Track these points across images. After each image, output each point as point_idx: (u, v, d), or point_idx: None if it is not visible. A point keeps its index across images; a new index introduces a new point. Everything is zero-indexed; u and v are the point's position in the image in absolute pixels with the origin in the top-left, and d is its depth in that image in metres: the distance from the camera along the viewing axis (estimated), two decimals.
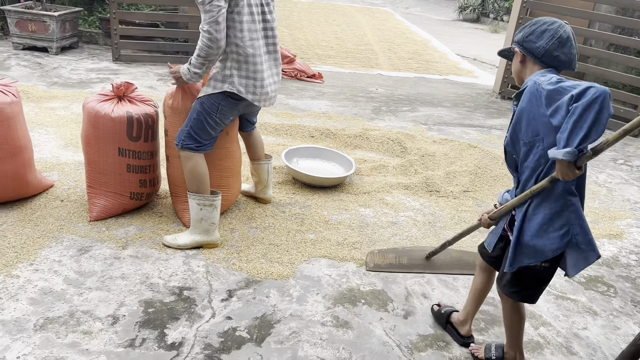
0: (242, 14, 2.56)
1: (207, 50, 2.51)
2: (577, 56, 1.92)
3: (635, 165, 4.79)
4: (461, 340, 2.38)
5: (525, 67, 1.96)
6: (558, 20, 1.91)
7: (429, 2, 18.00)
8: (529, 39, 1.91)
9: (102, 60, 6.39)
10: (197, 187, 2.75)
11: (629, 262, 3.19)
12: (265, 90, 2.73)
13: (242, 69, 2.64)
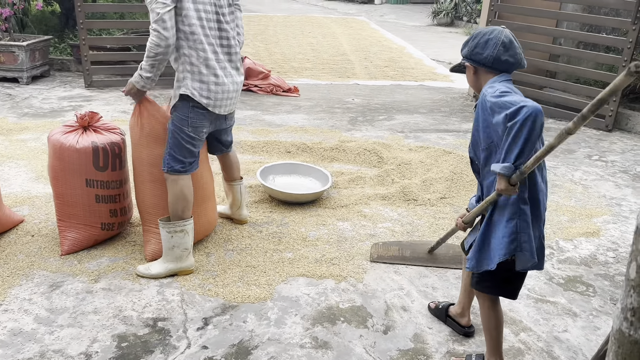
0: (190, 17, 2.56)
1: (156, 49, 2.50)
2: (523, 55, 2.04)
3: (610, 161, 4.83)
4: (463, 330, 2.49)
5: (479, 77, 2.08)
6: (497, 28, 2.05)
7: (404, 9, 18.18)
8: (476, 51, 2.03)
9: (75, 88, 6.34)
10: (182, 211, 2.73)
11: (607, 259, 3.20)
12: (220, 97, 2.70)
13: (194, 72, 2.63)
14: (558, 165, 4.65)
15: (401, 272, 2.97)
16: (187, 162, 2.73)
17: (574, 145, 5.21)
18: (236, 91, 2.81)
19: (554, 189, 4.14)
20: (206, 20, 2.62)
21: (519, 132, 1.75)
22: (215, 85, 2.67)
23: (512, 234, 1.91)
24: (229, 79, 2.74)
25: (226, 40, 2.73)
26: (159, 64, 2.57)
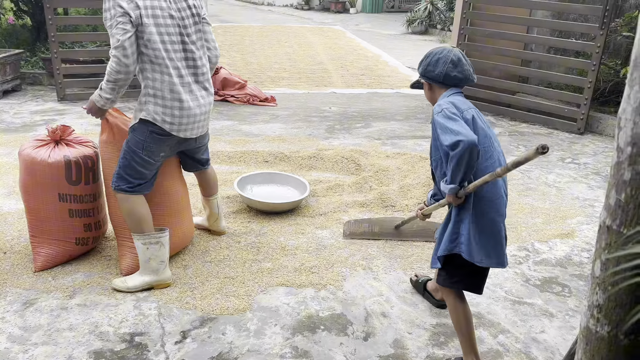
0: (153, 41, 2.48)
1: (116, 76, 2.45)
2: (472, 71, 2.27)
3: (582, 163, 4.93)
4: (437, 303, 2.72)
5: (434, 92, 2.32)
6: (447, 47, 2.29)
7: (378, 17, 18.36)
8: (428, 69, 2.27)
9: (47, 102, 6.24)
10: (139, 227, 2.67)
11: (582, 260, 3.25)
12: (185, 121, 2.62)
13: (157, 96, 2.55)
14: (532, 168, 4.73)
15: (380, 278, 2.98)
16: (136, 183, 2.65)
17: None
18: (204, 113, 2.72)
19: (529, 192, 4.21)
20: (170, 43, 2.53)
21: (459, 162, 2.02)
22: (179, 110, 2.58)
23: (453, 234, 2.18)
24: (194, 102, 2.64)
25: (192, 62, 2.64)
26: (119, 88, 2.51)
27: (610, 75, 5.96)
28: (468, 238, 2.13)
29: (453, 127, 2.05)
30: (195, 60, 2.65)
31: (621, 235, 1.01)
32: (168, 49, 2.53)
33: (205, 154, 3.06)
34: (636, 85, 1.06)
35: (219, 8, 19.93)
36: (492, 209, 2.15)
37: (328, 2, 20.03)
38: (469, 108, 2.18)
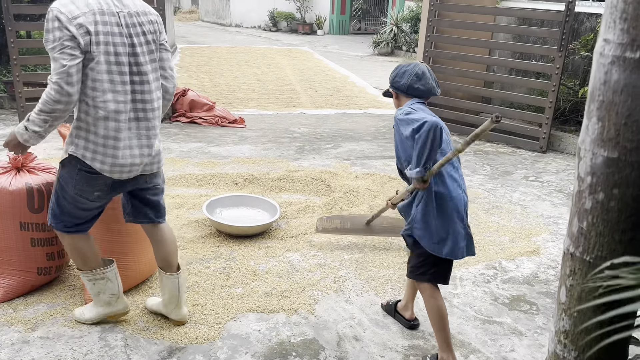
0: (99, 71, 2.17)
1: (53, 106, 2.10)
2: (435, 84, 2.45)
3: (545, 181, 5.06)
4: (408, 324, 2.76)
5: (400, 100, 2.51)
6: (415, 62, 2.49)
7: (346, 39, 18.64)
8: (395, 80, 2.47)
9: (8, 126, 6.08)
10: (83, 264, 2.50)
11: (548, 277, 3.32)
12: (120, 162, 2.27)
13: (90, 131, 2.22)
14: (497, 187, 4.83)
15: (352, 300, 2.97)
16: (71, 223, 2.40)
17: (511, 167, 5.43)
18: (148, 155, 2.36)
19: (494, 211, 4.29)
20: (118, 73, 2.21)
21: (425, 142, 2.17)
22: (114, 149, 2.25)
23: (409, 218, 2.40)
24: (139, 140, 2.32)
25: (140, 95, 2.30)
26: (52, 120, 2.16)
27: (569, 95, 6.17)
28: (422, 223, 2.34)
29: (414, 116, 2.26)
30: (144, 94, 2.31)
31: (584, 262, 1.04)
32: (114, 80, 2.20)
33: (157, 198, 2.57)
34: (594, 117, 1.09)
35: (186, 29, 19.91)
36: (451, 202, 2.33)
37: (296, 24, 20.25)
38: (427, 115, 2.30)
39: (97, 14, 2.15)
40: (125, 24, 2.23)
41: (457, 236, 2.32)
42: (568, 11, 5.41)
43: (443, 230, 2.31)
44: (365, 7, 21.26)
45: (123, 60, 2.21)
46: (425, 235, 2.34)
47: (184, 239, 3.56)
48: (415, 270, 2.44)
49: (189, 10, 27.63)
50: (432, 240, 2.32)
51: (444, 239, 2.31)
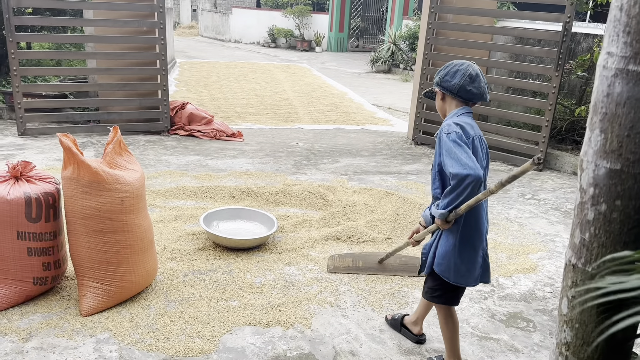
0: None
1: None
2: (487, 89, 2.30)
3: (542, 199, 5.08)
4: (415, 338, 2.74)
5: (446, 102, 2.36)
6: (467, 61, 2.32)
7: (344, 56, 18.79)
8: (445, 79, 2.30)
9: (7, 136, 6.08)
10: None
11: (545, 294, 3.32)
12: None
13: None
14: (494, 204, 4.84)
15: (349, 315, 2.95)
16: None
17: (508, 185, 5.44)
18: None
19: (492, 227, 4.29)
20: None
21: (460, 194, 2.11)
22: None
23: (435, 252, 2.35)
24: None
25: None
26: None
27: (566, 114, 6.23)
28: (448, 260, 2.29)
29: (461, 156, 2.10)
30: None
31: (586, 273, 1.04)
32: None
33: None
34: (596, 129, 1.11)
35: (185, 44, 20.04)
36: (477, 234, 2.28)
37: (294, 40, 20.42)
38: (475, 135, 2.23)
39: None
40: None
41: (474, 268, 2.32)
42: (565, 31, 5.48)
43: (463, 265, 2.29)
44: (364, 25, 21.49)
45: None
46: (445, 269, 2.31)
47: (181, 251, 3.55)
48: (432, 292, 2.43)
49: (188, 25, 27.84)
50: (452, 274, 2.31)
51: (462, 271, 2.31)
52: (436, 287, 2.40)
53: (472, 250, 2.29)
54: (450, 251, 2.28)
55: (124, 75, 6.38)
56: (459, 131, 2.17)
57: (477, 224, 2.28)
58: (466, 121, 2.24)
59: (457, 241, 2.27)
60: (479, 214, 2.28)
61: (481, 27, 6.43)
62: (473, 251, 2.29)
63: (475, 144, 2.21)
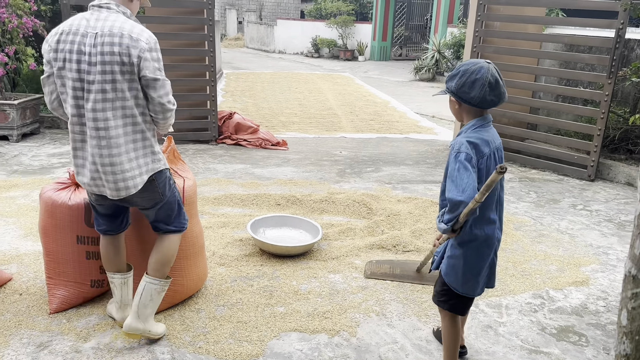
0: (64, 93, 2.31)
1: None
2: (505, 89, 2.17)
3: (594, 210, 4.92)
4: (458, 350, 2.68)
5: (462, 111, 2.26)
6: (483, 65, 2.12)
7: (387, 65, 18.77)
8: (463, 90, 2.14)
9: (65, 145, 6.38)
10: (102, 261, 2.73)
11: (598, 308, 3.21)
12: (81, 179, 2.43)
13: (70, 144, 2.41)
14: (544, 215, 4.73)
15: (394, 324, 2.95)
16: (95, 222, 2.66)
17: (558, 195, 5.31)
18: (101, 173, 2.35)
19: (541, 239, 4.19)
20: (72, 97, 2.28)
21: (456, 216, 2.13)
22: (76, 167, 2.43)
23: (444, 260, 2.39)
24: (93, 159, 2.34)
25: (86, 116, 2.28)
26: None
27: (619, 123, 6.02)
28: (455, 270, 2.32)
29: (461, 181, 2.06)
30: (85, 113, 2.30)
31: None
32: (66, 100, 2.32)
33: (162, 225, 2.62)
34: None
35: (231, 55, 20.50)
36: (485, 244, 2.27)
37: (337, 50, 20.56)
38: (491, 152, 2.16)
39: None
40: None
41: (480, 277, 2.32)
42: (618, 37, 5.32)
43: (470, 274, 2.30)
44: (407, 33, 21.43)
45: (73, 93, 2.28)
46: (454, 280, 2.34)
47: (229, 256, 3.63)
48: (439, 297, 2.44)
49: (234, 37, 28.48)
50: (456, 280, 2.33)
51: (467, 280, 2.32)
52: (443, 292, 2.41)
53: (480, 261, 2.29)
54: (458, 263, 2.29)
55: (175, 87, 6.56)
56: (468, 152, 2.10)
57: (486, 236, 2.25)
58: (482, 137, 2.15)
59: (464, 253, 2.27)
60: (488, 225, 2.25)
61: (530, 35, 6.32)
62: (481, 262, 2.29)
63: (489, 163, 2.16)
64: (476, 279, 2.31)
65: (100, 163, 2.32)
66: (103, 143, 2.29)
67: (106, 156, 2.31)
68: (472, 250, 2.26)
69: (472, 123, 2.20)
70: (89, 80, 2.25)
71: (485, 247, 2.27)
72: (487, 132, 2.19)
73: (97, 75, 2.23)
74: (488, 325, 2.97)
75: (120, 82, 2.26)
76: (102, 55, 2.22)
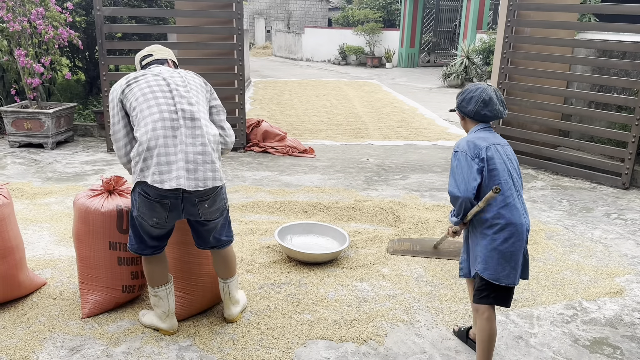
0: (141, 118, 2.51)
1: (122, 165, 2.74)
2: (502, 108, 2.51)
3: (629, 219, 4.79)
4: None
5: (466, 123, 2.61)
6: (481, 86, 2.53)
7: (414, 72, 18.68)
8: (462, 105, 2.55)
9: (97, 152, 6.54)
10: (147, 279, 2.78)
11: (633, 320, 3.12)
12: (171, 176, 2.43)
13: (141, 152, 2.47)
14: (577, 224, 4.62)
15: (422, 334, 2.92)
16: (137, 246, 2.66)
17: (592, 203, 5.19)
18: (195, 162, 2.48)
19: (574, 248, 4.10)
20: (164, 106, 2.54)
21: (458, 209, 2.48)
22: (157, 165, 2.45)
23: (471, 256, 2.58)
24: (185, 155, 2.48)
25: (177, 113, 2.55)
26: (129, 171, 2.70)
27: None
28: (491, 262, 2.42)
29: (458, 176, 2.43)
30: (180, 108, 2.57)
31: None
32: (153, 112, 2.51)
33: (217, 235, 2.77)
34: None
35: (259, 64, 20.71)
36: (516, 234, 2.40)
37: (365, 57, 20.55)
38: (489, 145, 2.43)
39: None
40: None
41: (516, 265, 2.42)
42: None
43: (505, 261, 2.40)
44: (435, 39, 21.29)
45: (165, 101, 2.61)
46: (487, 268, 2.43)
47: (257, 263, 3.66)
48: (479, 295, 2.50)
49: (262, 45, 28.78)
50: (495, 272, 2.42)
51: (504, 269, 2.41)
52: (482, 288, 2.48)
53: (512, 252, 2.40)
54: (492, 255, 2.41)
55: None
56: (464, 150, 2.44)
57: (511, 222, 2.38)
58: (480, 136, 2.47)
59: (495, 249, 2.40)
60: (513, 216, 2.39)
61: (561, 40, 6.21)
62: (512, 247, 2.40)
63: (490, 153, 2.40)
64: (512, 266, 2.40)
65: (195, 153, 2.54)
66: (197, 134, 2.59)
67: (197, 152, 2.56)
68: (501, 238, 2.39)
69: (473, 129, 2.56)
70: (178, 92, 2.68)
71: (514, 233, 2.38)
72: (485, 133, 2.50)
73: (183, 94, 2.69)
74: (519, 336, 2.91)
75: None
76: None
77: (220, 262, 2.87)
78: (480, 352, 2.50)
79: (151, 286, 2.75)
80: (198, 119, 2.57)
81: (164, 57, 2.90)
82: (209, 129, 2.62)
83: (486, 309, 2.48)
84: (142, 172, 2.47)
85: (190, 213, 2.58)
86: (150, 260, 2.71)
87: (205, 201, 2.55)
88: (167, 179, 2.42)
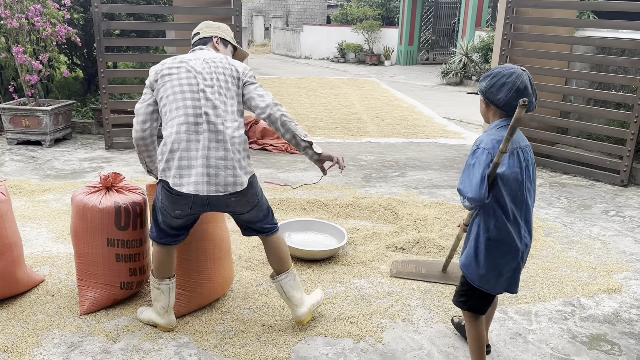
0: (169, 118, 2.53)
1: (134, 140, 2.73)
2: (534, 99, 2.18)
3: (627, 216, 4.79)
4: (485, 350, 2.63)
5: (489, 111, 2.28)
6: (516, 71, 2.14)
7: (413, 69, 18.67)
8: (491, 91, 2.18)
9: (95, 150, 6.53)
10: (154, 269, 2.77)
11: (631, 317, 3.12)
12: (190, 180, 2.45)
13: (165, 152, 2.50)
14: (575, 221, 4.63)
15: (421, 331, 2.92)
16: (157, 234, 2.69)
17: (590, 200, 5.19)
18: (217, 167, 2.47)
19: (572, 245, 4.10)
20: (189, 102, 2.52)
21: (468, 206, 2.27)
22: (178, 169, 2.46)
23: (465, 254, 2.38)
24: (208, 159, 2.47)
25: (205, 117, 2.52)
26: (139, 154, 2.75)
27: None
28: (474, 261, 2.29)
29: (470, 174, 2.17)
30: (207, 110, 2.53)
31: None
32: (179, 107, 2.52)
33: (257, 224, 2.77)
34: None
35: (258, 61, 20.69)
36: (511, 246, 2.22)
37: (363, 55, 20.54)
38: (513, 150, 2.16)
39: None
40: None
41: (500, 277, 2.29)
42: None
43: (490, 269, 2.26)
44: (434, 37, 21.28)
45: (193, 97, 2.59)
46: (470, 264, 2.32)
47: (255, 260, 3.66)
48: (457, 297, 2.45)
49: (261, 43, 28.74)
50: (475, 273, 2.31)
51: (486, 274, 2.28)
52: (462, 292, 2.41)
53: (500, 259, 2.25)
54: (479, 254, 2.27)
55: None
56: (487, 148, 2.16)
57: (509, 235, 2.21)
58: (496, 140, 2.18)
59: (482, 253, 2.25)
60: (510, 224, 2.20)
61: (560, 37, 6.20)
62: (501, 259, 2.24)
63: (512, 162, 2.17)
64: (496, 277, 2.27)
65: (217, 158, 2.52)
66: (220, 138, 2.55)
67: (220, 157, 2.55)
68: (493, 245, 2.23)
69: (496, 123, 2.24)
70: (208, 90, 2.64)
71: (508, 247, 2.22)
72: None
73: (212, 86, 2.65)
74: (517, 333, 2.92)
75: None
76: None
77: (270, 252, 2.84)
78: (471, 353, 2.49)
79: (156, 277, 2.75)
80: (222, 122, 2.52)
81: (209, 34, 2.87)
82: (234, 131, 2.55)
83: (469, 314, 2.41)
84: (164, 172, 2.50)
85: (217, 208, 2.60)
86: (163, 251, 2.72)
87: (230, 199, 2.55)
88: (185, 182, 2.45)
